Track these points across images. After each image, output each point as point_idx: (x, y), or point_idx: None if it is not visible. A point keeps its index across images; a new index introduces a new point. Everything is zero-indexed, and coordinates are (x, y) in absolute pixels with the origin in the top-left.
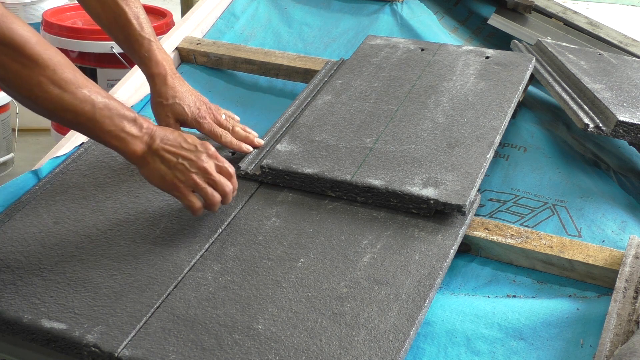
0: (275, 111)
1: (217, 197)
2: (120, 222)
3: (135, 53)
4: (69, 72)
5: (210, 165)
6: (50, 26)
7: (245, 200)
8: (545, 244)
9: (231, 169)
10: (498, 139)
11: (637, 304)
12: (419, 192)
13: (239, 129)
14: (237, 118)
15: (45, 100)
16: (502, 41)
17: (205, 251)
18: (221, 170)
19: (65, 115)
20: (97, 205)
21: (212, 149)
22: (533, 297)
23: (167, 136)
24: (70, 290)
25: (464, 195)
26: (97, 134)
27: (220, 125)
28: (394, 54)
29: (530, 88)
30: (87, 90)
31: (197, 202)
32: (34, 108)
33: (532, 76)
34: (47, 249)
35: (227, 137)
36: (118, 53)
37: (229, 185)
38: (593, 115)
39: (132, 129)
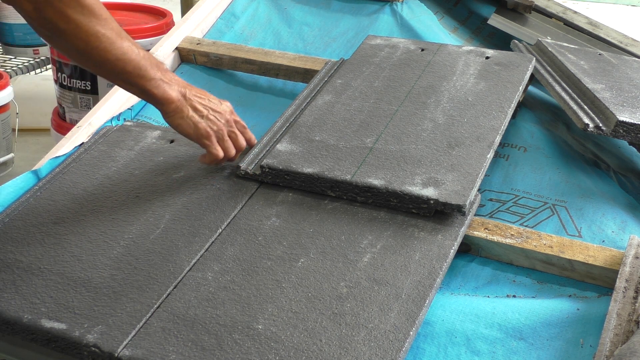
0: (275, 111)
1: (234, 150)
2: (120, 222)
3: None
4: (115, 24)
5: (233, 120)
6: None
7: (245, 200)
8: (545, 244)
9: (243, 123)
10: (498, 139)
11: (637, 304)
12: (419, 192)
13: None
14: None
15: (100, 51)
16: (502, 41)
17: (205, 251)
18: (237, 125)
19: (116, 65)
20: (97, 205)
21: (230, 105)
22: (533, 297)
23: (194, 90)
24: (70, 290)
25: (464, 195)
26: (141, 82)
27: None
28: (394, 54)
29: (530, 88)
30: (130, 41)
31: (221, 152)
32: (86, 60)
33: (532, 76)
34: (47, 249)
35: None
36: None
37: (244, 142)
38: (593, 115)
39: (167, 78)
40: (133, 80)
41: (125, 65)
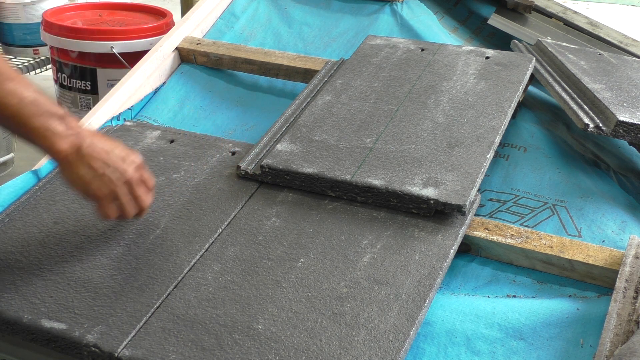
0: (275, 111)
1: (133, 211)
2: (120, 222)
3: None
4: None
5: (136, 179)
6: (50, 26)
7: (245, 200)
8: (545, 244)
9: (152, 181)
10: (498, 139)
11: (637, 304)
12: (419, 192)
13: None
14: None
15: None
16: (502, 41)
17: (205, 251)
18: (145, 183)
19: None
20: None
21: (140, 159)
22: (533, 297)
23: (95, 142)
24: (70, 290)
25: (464, 195)
26: (23, 131)
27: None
28: (394, 54)
29: (530, 88)
30: (16, 83)
31: (114, 213)
32: None
33: (532, 76)
34: (47, 249)
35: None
36: (118, 53)
37: (147, 202)
38: (593, 115)
39: (59, 127)
40: (14, 128)
41: (3, 111)
